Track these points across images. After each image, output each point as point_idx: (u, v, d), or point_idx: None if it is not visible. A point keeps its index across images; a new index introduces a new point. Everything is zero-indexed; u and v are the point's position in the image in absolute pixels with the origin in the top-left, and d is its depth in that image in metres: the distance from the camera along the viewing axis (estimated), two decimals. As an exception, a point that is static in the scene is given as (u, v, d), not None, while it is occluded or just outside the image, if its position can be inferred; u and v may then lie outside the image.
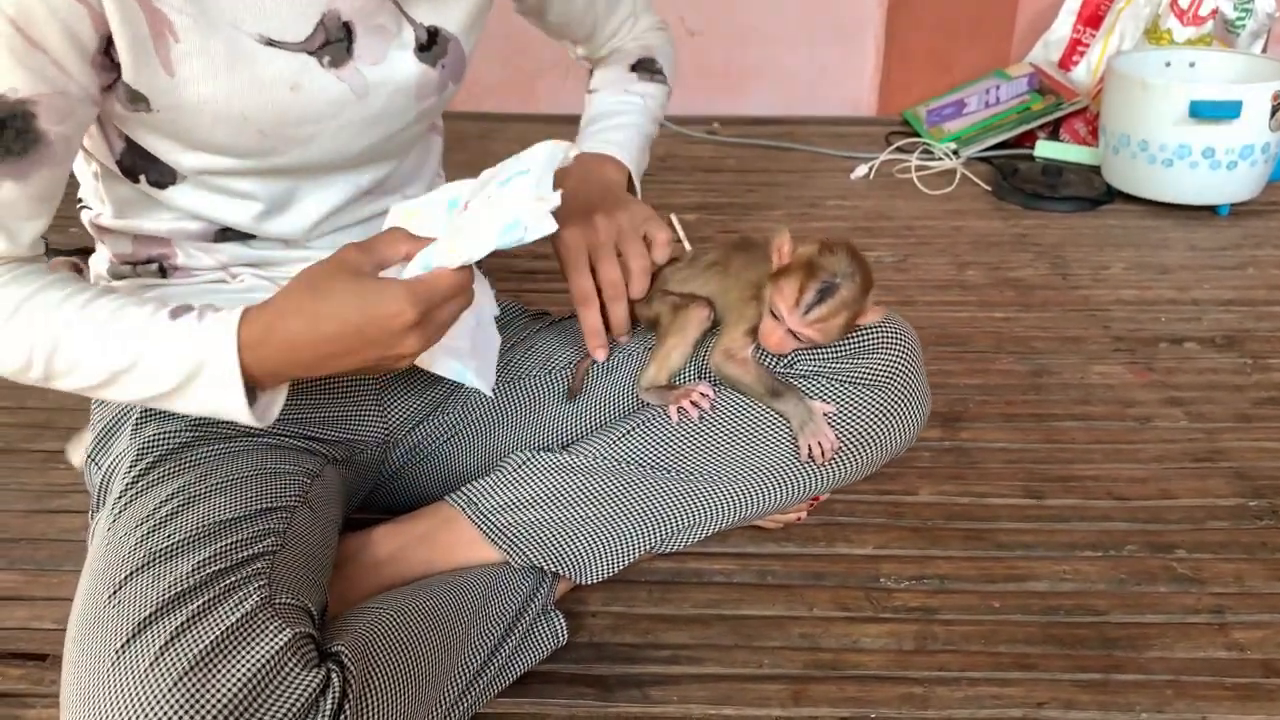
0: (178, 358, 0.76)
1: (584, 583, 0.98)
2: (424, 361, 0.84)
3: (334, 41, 0.81)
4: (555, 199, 0.78)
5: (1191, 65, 2.13)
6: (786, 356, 0.99)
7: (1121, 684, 0.95)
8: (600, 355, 1.03)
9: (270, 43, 0.79)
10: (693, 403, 0.98)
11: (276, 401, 0.81)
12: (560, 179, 0.81)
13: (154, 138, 0.81)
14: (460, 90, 1.08)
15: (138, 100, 0.77)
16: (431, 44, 0.88)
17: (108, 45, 0.73)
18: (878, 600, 1.05)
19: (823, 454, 0.96)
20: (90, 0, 0.70)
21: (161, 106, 0.77)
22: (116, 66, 0.75)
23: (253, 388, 0.78)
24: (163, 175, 0.84)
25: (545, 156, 0.82)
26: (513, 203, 0.78)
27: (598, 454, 0.99)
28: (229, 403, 0.77)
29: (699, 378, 1.02)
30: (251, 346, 0.75)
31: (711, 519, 1.00)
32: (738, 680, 0.95)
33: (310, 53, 0.80)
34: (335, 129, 0.85)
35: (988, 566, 1.10)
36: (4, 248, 0.77)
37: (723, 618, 1.03)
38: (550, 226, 0.76)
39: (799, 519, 1.14)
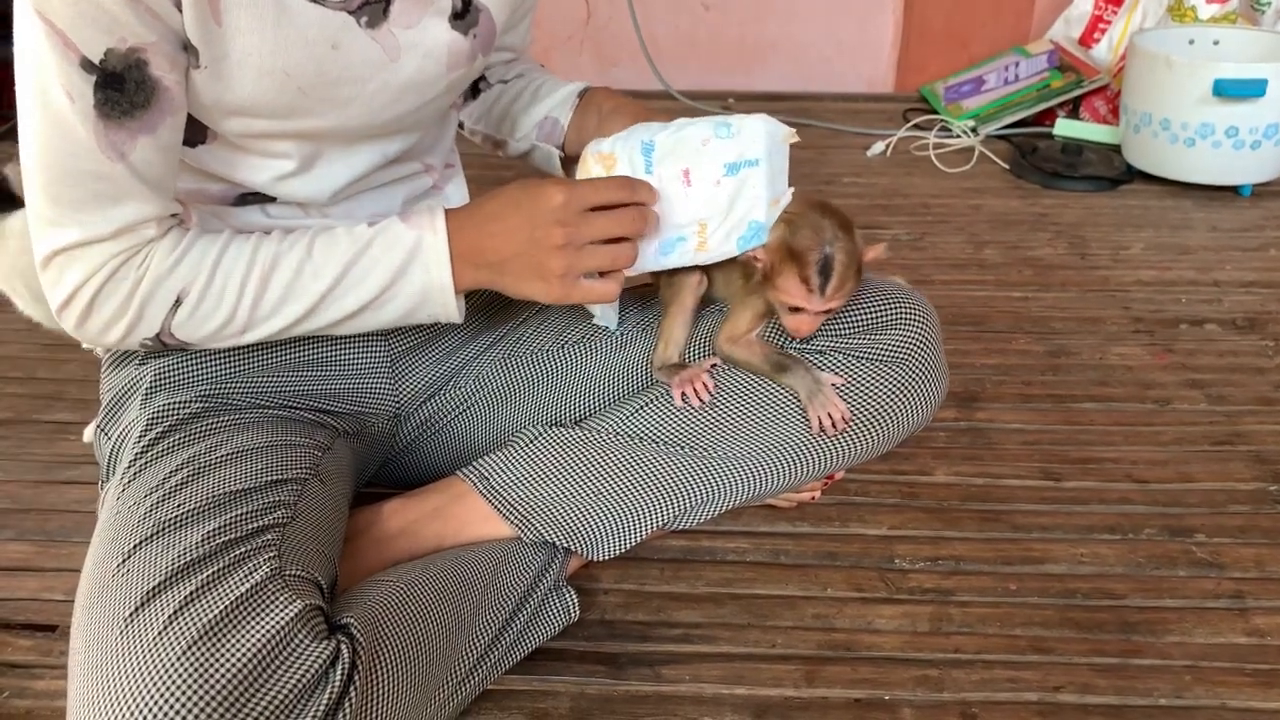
0: (393, 244, 0.84)
1: (596, 559, 0.97)
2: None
3: (372, 2, 0.81)
4: (788, 196, 0.90)
5: (1215, 43, 2.10)
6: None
7: (1139, 669, 0.94)
8: None
9: (314, 0, 0.78)
10: (695, 390, 0.96)
11: (461, 303, 0.88)
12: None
13: (196, 96, 0.80)
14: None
15: (189, 52, 0.76)
16: (465, 12, 0.87)
17: None
18: (892, 581, 1.04)
19: (833, 425, 0.95)
20: None
21: (209, 60, 0.76)
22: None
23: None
24: (194, 134, 0.83)
25: (766, 139, 0.89)
26: (749, 205, 0.89)
27: (610, 429, 0.98)
28: (442, 280, 0.85)
29: (710, 353, 1.00)
30: (452, 224, 0.85)
31: (725, 496, 0.99)
32: (750, 660, 0.94)
33: (350, 12, 0.80)
34: (370, 93, 0.84)
35: (1004, 549, 1.08)
36: (160, 207, 0.80)
37: (735, 597, 1.02)
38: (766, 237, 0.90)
39: (813, 498, 1.13)
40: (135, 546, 0.77)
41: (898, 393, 0.97)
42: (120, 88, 0.74)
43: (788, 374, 0.95)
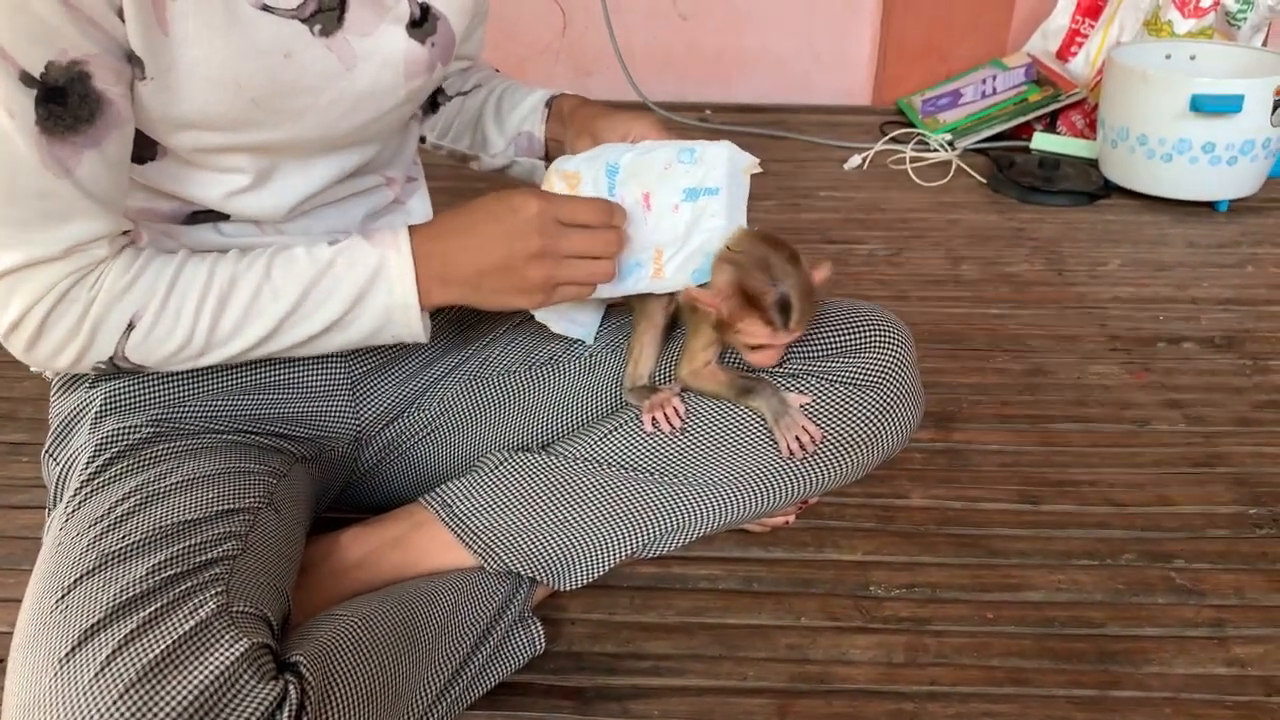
0: (355, 263, 0.82)
1: (562, 589, 0.94)
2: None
3: (326, 10, 0.79)
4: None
5: (1192, 58, 2.09)
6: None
7: (1118, 701, 0.92)
8: None
9: (264, 8, 0.76)
10: (665, 416, 0.94)
11: (426, 322, 0.86)
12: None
13: (143, 110, 0.77)
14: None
15: (134, 64, 0.73)
16: (423, 20, 0.85)
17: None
18: (867, 610, 1.01)
19: (803, 448, 0.92)
20: None
21: (155, 71, 0.73)
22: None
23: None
24: (143, 149, 0.80)
25: (727, 166, 0.87)
26: (706, 235, 0.87)
27: (577, 455, 0.95)
28: (406, 300, 0.83)
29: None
30: (418, 240, 0.83)
31: (695, 523, 0.96)
32: (721, 694, 0.92)
33: (302, 20, 0.78)
34: (326, 103, 0.81)
35: (981, 575, 1.06)
36: (110, 224, 0.77)
37: (707, 626, 0.99)
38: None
39: (787, 523, 1.10)
40: (75, 581, 0.73)
41: (873, 417, 0.95)
42: (63, 102, 0.70)
43: (753, 397, 0.92)
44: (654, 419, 0.93)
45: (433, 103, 1.08)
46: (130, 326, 0.79)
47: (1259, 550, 1.10)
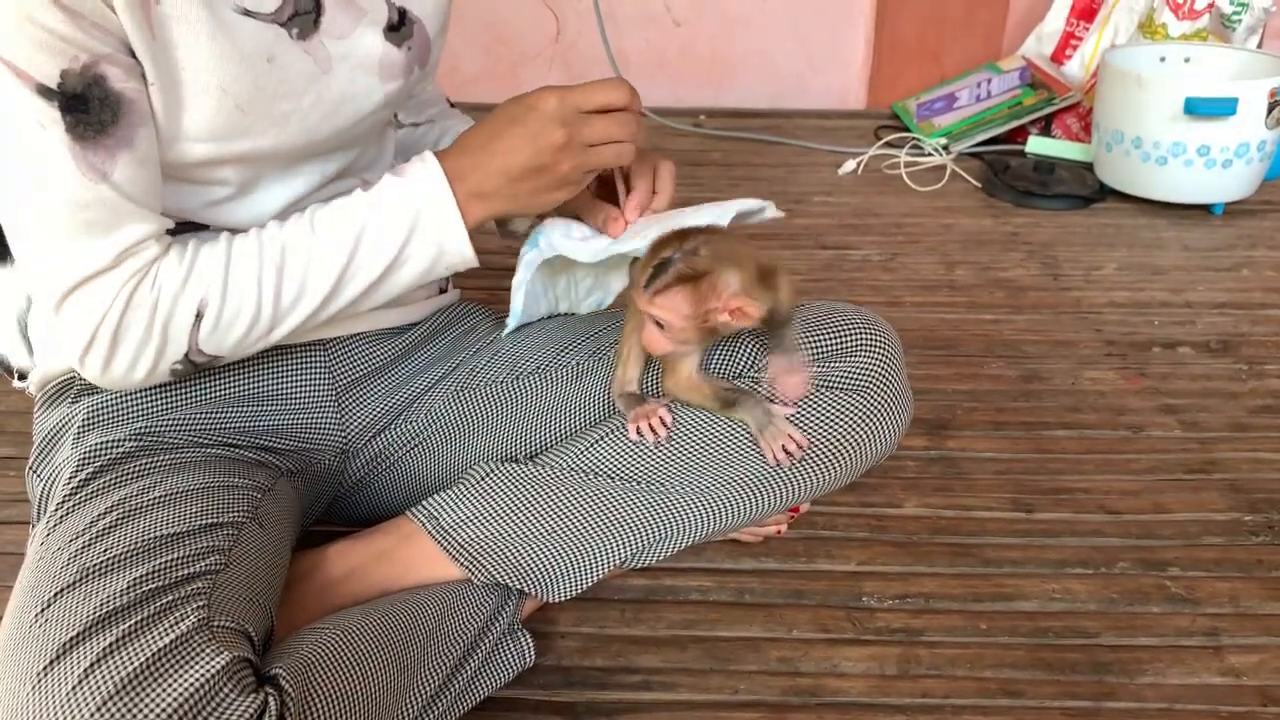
0: (397, 204, 0.83)
1: (551, 600, 0.93)
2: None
3: (302, 13, 0.79)
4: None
5: (1186, 60, 2.09)
6: (752, 364, 0.93)
7: (1113, 712, 0.91)
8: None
9: (246, 13, 0.76)
10: (651, 426, 0.92)
11: (472, 247, 0.87)
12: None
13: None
14: (441, 79, 1.05)
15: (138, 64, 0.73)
16: (400, 25, 0.86)
17: None
18: (860, 621, 1.00)
19: (789, 456, 0.91)
20: None
21: (154, 76, 0.73)
22: None
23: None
24: None
25: (738, 208, 0.92)
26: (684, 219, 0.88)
27: (564, 465, 0.94)
28: (452, 225, 0.84)
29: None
30: (447, 163, 0.84)
31: (685, 532, 0.95)
32: (711, 708, 0.91)
33: (281, 24, 0.78)
34: (307, 107, 0.81)
35: (974, 585, 1.05)
36: (155, 224, 0.77)
37: (698, 639, 0.98)
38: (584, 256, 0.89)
39: (779, 532, 1.10)
40: (55, 595, 0.72)
41: (860, 421, 0.94)
42: (85, 108, 0.71)
43: (737, 409, 0.91)
44: (639, 429, 0.93)
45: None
46: (199, 316, 0.79)
47: (1254, 557, 1.09)
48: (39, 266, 0.76)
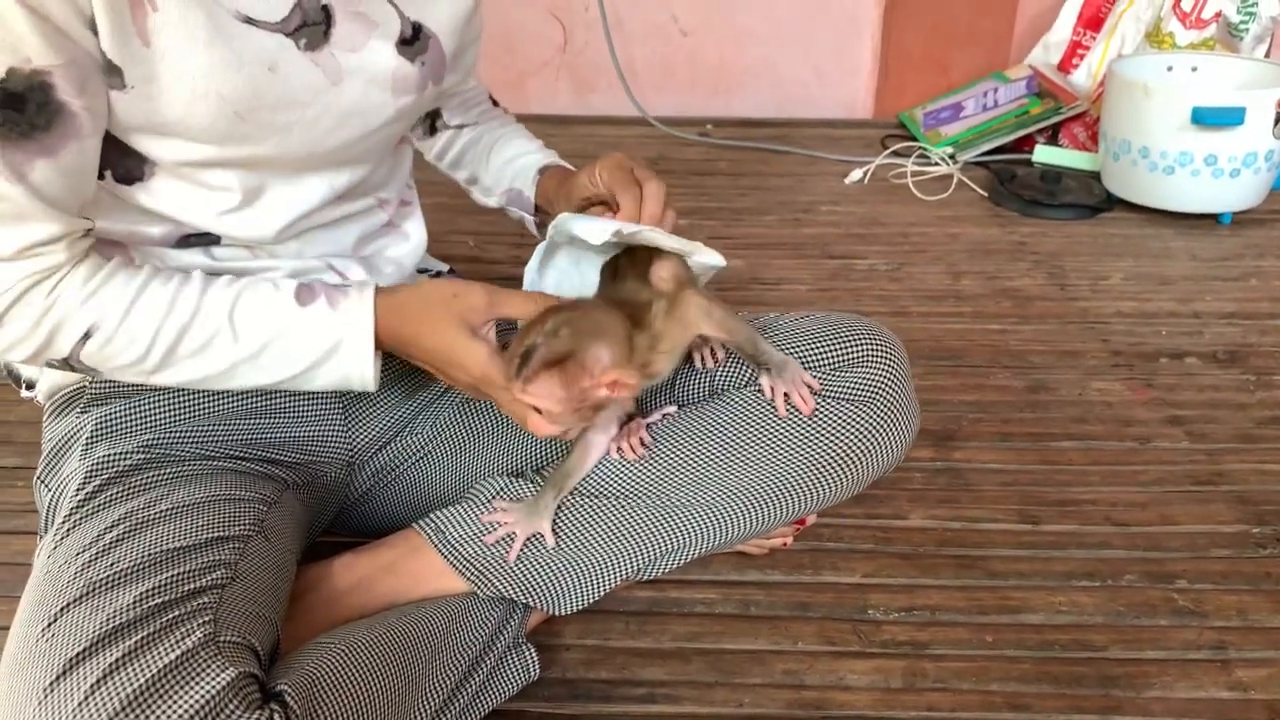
0: (316, 336, 0.82)
1: (557, 614, 0.93)
2: None
3: (311, 24, 0.78)
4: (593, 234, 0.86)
5: (1194, 70, 2.09)
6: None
7: (1119, 726, 0.90)
8: None
9: (248, 20, 0.75)
10: (630, 445, 0.93)
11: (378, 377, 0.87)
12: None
13: (127, 121, 0.76)
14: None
15: (113, 73, 0.73)
16: (415, 39, 0.85)
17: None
18: (865, 634, 1.00)
19: (804, 402, 0.91)
20: None
21: (136, 80, 0.73)
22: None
23: None
24: (130, 170, 0.80)
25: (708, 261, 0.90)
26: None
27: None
28: (360, 372, 0.84)
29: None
30: (381, 319, 0.84)
31: (690, 545, 0.95)
32: (716, 721, 0.91)
33: (287, 34, 0.77)
34: (312, 118, 0.81)
35: (980, 597, 1.05)
36: (64, 226, 0.76)
37: (703, 652, 0.98)
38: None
39: (785, 544, 1.10)
40: (62, 609, 0.73)
41: (867, 433, 0.94)
42: (20, 108, 0.70)
43: (760, 351, 0.91)
44: (619, 448, 0.93)
45: (431, 126, 1.08)
46: (87, 335, 0.78)
47: (1262, 570, 1.09)
48: None
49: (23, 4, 0.66)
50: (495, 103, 1.15)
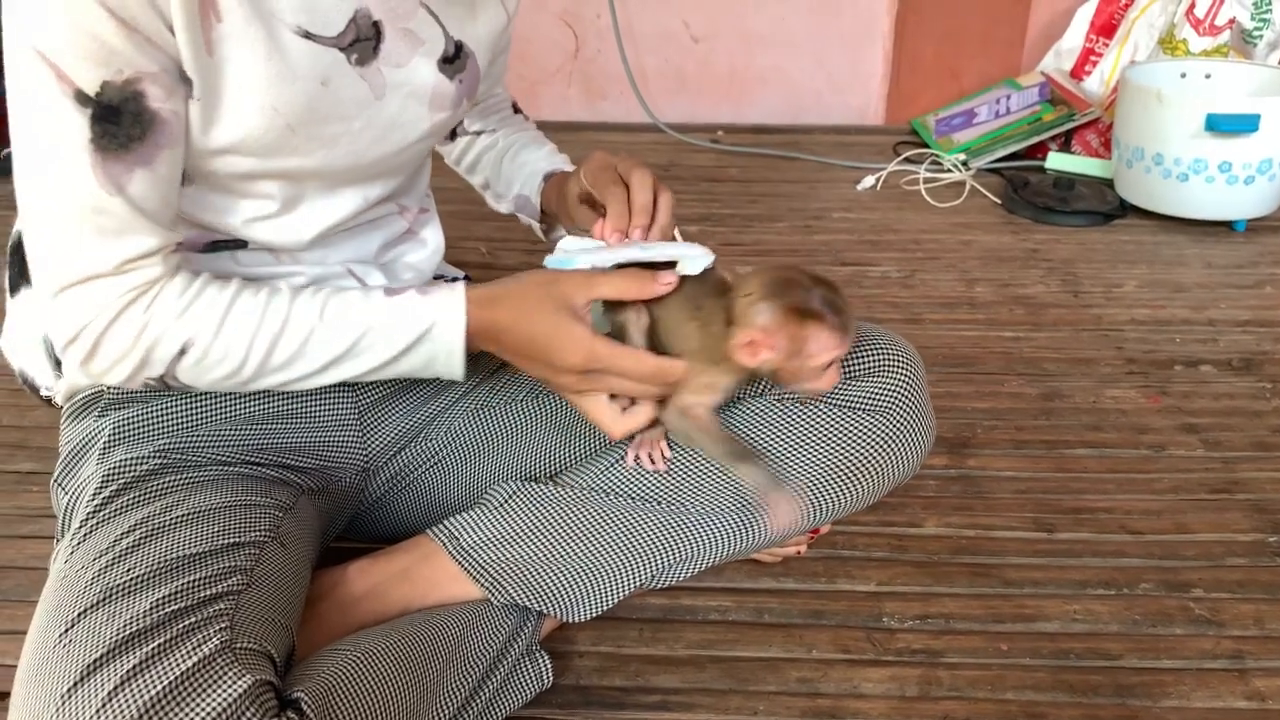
0: (407, 325, 0.83)
1: (571, 621, 0.93)
2: None
3: (363, 39, 0.80)
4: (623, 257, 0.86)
5: (1207, 77, 2.08)
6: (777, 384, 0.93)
7: (1136, 736, 0.90)
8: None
9: (307, 35, 0.77)
10: (650, 457, 0.93)
11: (466, 366, 0.86)
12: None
13: (188, 129, 0.77)
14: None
15: (185, 83, 0.74)
16: (456, 57, 0.86)
17: None
18: (880, 642, 1.00)
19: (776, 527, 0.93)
20: None
21: (202, 92, 0.74)
22: None
23: None
24: None
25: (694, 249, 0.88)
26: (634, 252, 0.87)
27: (585, 485, 0.94)
28: (451, 359, 0.84)
29: None
30: (471, 316, 0.83)
31: (705, 553, 0.95)
32: (731, 728, 0.91)
33: (341, 49, 0.79)
34: (356, 131, 0.82)
35: (995, 605, 1.05)
36: (161, 239, 0.77)
37: (716, 659, 0.98)
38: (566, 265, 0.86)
39: (799, 552, 1.09)
40: (79, 615, 0.73)
41: (883, 443, 0.94)
42: (116, 120, 0.71)
43: (746, 464, 0.88)
44: (637, 457, 0.93)
45: (451, 131, 1.10)
46: (183, 351, 0.79)
47: (1279, 579, 1.08)
48: (44, 254, 0.76)
49: (113, 15, 0.68)
50: (517, 109, 1.16)
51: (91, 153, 0.71)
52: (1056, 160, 2.24)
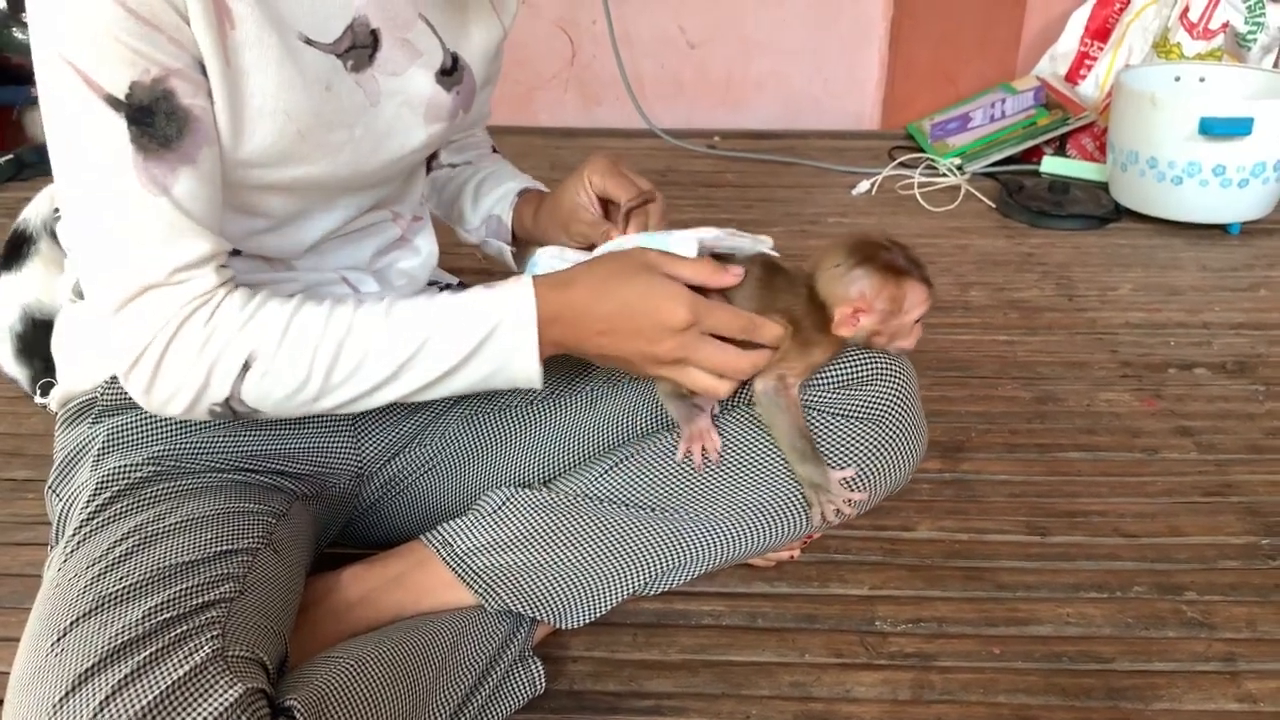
0: (475, 319, 0.80)
1: (565, 628, 0.93)
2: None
3: (359, 47, 0.80)
4: (721, 245, 0.87)
5: (1201, 80, 2.09)
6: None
7: (1128, 739, 0.90)
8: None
9: (308, 41, 0.77)
10: (704, 450, 0.92)
11: (541, 370, 0.83)
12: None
13: None
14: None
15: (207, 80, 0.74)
16: (453, 69, 0.87)
17: None
18: (873, 646, 1.00)
19: (835, 515, 0.93)
20: None
21: (220, 100, 0.74)
22: None
23: None
24: None
25: (747, 237, 0.89)
26: (698, 234, 0.86)
27: (578, 492, 0.94)
28: (523, 353, 0.80)
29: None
30: (542, 299, 0.80)
31: (699, 560, 0.95)
32: (723, 733, 0.91)
33: (338, 55, 0.79)
34: (358, 138, 0.82)
35: (988, 609, 1.05)
36: (213, 245, 0.76)
37: (710, 664, 0.98)
38: (689, 250, 0.83)
39: (792, 557, 1.10)
40: (72, 623, 0.73)
41: (876, 451, 0.94)
42: (150, 121, 0.71)
43: (805, 463, 0.90)
44: (689, 450, 0.93)
45: (427, 165, 1.09)
46: (246, 367, 0.77)
47: (1271, 582, 1.08)
48: (95, 269, 0.75)
49: (133, 15, 0.68)
50: (495, 150, 1.15)
51: (131, 155, 0.71)
52: (1051, 164, 2.24)
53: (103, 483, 0.86)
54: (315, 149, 0.80)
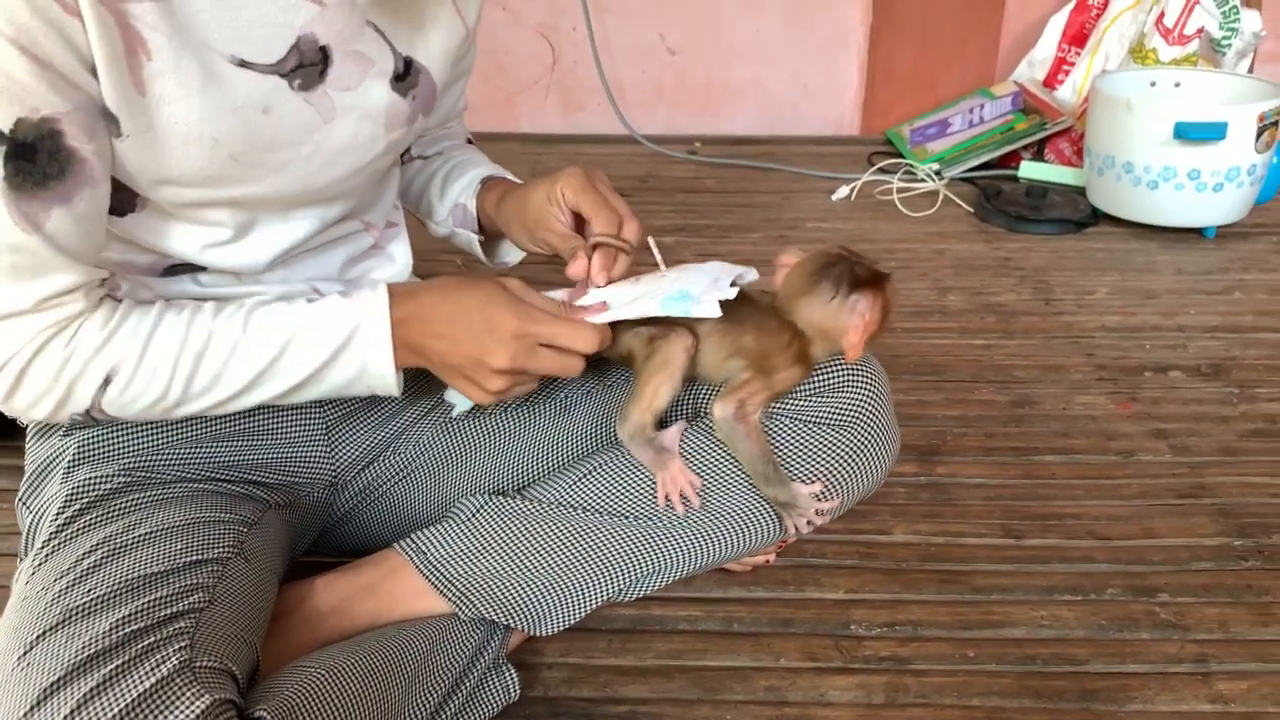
0: (333, 324, 0.82)
1: (539, 635, 0.93)
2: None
3: (307, 65, 0.78)
4: (730, 293, 0.86)
5: (1177, 85, 2.10)
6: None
7: (1100, 741, 0.91)
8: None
9: (242, 64, 0.75)
10: (682, 497, 0.92)
11: (400, 377, 0.85)
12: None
13: (124, 167, 0.76)
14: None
15: (110, 120, 0.73)
16: (406, 74, 0.85)
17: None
18: (847, 649, 1.00)
19: (807, 527, 0.94)
20: (79, 12, 0.67)
21: (132, 130, 0.73)
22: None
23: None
24: (121, 202, 0.80)
25: (725, 267, 0.92)
26: (687, 282, 0.88)
27: (553, 499, 0.94)
28: (378, 353, 0.82)
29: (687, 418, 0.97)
30: (395, 301, 0.83)
31: (674, 566, 0.95)
32: (698, 738, 0.91)
33: (281, 75, 0.77)
34: (305, 156, 0.81)
35: (963, 612, 1.05)
36: (82, 275, 0.76)
37: (685, 669, 0.98)
38: (715, 311, 0.85)
39: (768, 561, 1.10)
40: (39, 636, 0.73)
41: (848, 458, 0.94)
42: (32, 159, 0.69)
43: (771, 485, 0.91)
44: (668, 498, 0.92)
45: (401, 160, 1.08)
46: (107, 381, 0.78)
47: (1244, 583, 1.09)
48: None
49: (26, 53, 0.66)
50: (470, 142, 1.14)
51: (5, 191, 0.69)
52: (1029, 169, 2.25)
53: (73, 494, 0.86)
54: (252, 170, 0.79)
